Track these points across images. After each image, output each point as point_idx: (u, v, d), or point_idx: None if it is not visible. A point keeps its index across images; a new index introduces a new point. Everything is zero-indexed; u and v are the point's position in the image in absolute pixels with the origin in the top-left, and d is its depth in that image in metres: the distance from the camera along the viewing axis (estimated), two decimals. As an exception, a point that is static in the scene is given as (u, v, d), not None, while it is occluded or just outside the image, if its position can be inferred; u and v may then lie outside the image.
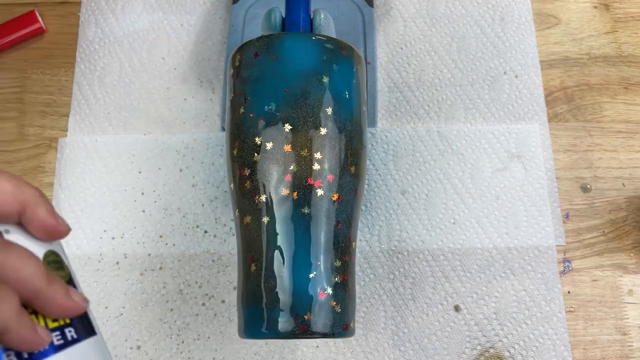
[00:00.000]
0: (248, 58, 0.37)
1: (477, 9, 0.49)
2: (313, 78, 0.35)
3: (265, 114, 0.35)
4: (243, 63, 0.37)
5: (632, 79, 0.47)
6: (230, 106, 0.37)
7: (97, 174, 0.45)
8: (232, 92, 0.37)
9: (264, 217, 0.34)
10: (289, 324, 0.33)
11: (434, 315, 0.41)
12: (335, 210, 0.35)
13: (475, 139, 0.45)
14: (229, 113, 0.37)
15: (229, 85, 0.38)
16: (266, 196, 0.34)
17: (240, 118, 0.36)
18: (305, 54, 0.36)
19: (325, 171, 0.35)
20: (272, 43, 0.36)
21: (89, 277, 0.42)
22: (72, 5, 0.50)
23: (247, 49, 0.37)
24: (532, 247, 0.42)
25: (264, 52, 0.36)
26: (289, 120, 0.35)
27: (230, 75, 0.38)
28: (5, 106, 0.47)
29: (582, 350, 0.40)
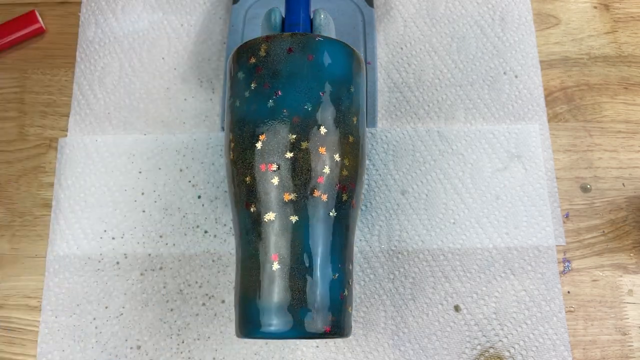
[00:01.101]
0: (280, 52, 0.36)
1: (477, 9, 0.49)
2: (344, 86, 0.37)
3: (301, 112, 0.35)
4: (273, 55, 0.36)
5: (632, 79, 0.47)
6: (247, 95, 0.36)
7: (97, 174, 0.45)
8: (254, 81, 0.36)
9: (293, 216, 0.34)
10: (315, 324, 0.33)
11: (434, 315, 0.41)
12: (352, 216, 0.37)
13: (475, 139, 0.45)
14: (243, 101, 0.36)
15: (241, 72, 0.37)
16: (297, 195, 0.34)
17: (268, 110, 0.35)
18: (339, 60, 0.37)
19: (350, 178, 0.36)
20: (308, 43, 0.36)
21: (89, 277, 0.42)
22: (72, 5, 0.50)
23: (278, 42, 0.36)
24: (532, 247, 0.42)
25: (299, 50, 0.36)
26: (324, 124, 0.35)
27: (251, 63, 0.37)
28: (5, 106, 0.47)
29: (582, 350, 0.40)
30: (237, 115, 0.36)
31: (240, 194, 0.36)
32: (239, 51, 0.37)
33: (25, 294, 0.42)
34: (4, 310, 0.42)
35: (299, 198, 0.34)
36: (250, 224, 0.35)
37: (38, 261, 0.43)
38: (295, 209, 0.34)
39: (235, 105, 0.37)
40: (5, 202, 0.45)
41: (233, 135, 0.36)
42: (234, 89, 0.37)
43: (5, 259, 0.43)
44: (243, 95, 0.36)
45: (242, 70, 0.37)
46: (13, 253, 0.43)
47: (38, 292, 0.42)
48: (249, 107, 0.36)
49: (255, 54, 0.36)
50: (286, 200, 0.34)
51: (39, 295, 0.42)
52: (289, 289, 0.33)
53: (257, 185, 0.35)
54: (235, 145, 0.36)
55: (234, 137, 0.36)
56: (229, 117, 0.37)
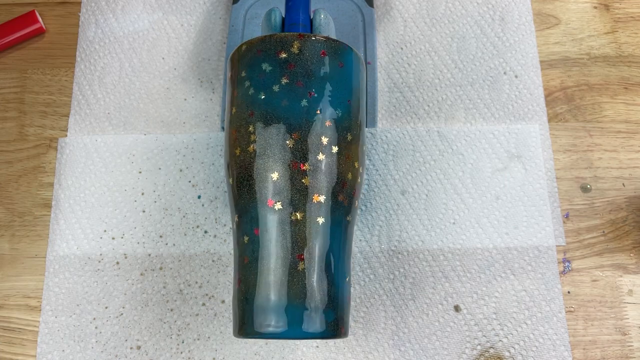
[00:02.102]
0: (314, 53, 0.36)
1: (477, 9, 0.49)
2: (362, 95, 0.38)
3: (333, 117, 0.36)
4: (307, 55, 0.36)
5: (632, 79, 0.47)
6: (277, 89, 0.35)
7: (97, 174, 0.45)
8: (286, 77, 0.36)
9: (320, 218, 0.34)
10: (334, 324, 0.33)
11: (434, 315, 0.41)
12: (355, 220, 0.38)
13: (475, 139, 0.45)
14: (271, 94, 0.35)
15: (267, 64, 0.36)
16: (325, 197, 0.35)
17: (302, 109, 0.35)
18: (359, 70, 0.38)
19: (360, 184, 0.37)
20: (339, 49, 0.37)
21: (89, 277, 0.42)
22: (72, 5, 0.50)
23: (312, 43, 0.36)
24: (532, 247, 0.42)
25: (331, 55, 0.37)
26: (350, 131, 0.36)
27: (281, 57, 0.36)
28: (5, 106, 0.47)
29: (582, 350, 0.40)
30: (262, 108, 0.35)
31: (262, 190, 0.35)
32: (265, 42, 0.36)
33: (25, 294, 0.42)
34: (4, 310, 0.42)
35: (327, 200, 0.35)
36: (273, 221, 0.34)
37: (38, 261, 0.43)
38: (322, 211, 0.35)
39: (259, 97, 0.36)
40: (5, 202, 0.45)
41: (254, 128, 0.35)
42: (256, 79, 0.36)
43: (5, 259, 0.43)
44: (271, 89, 0.35)
45: (268, 62, 0.36)
46: (13, 253, 0.43)
47: (38, 292, 0.42)
48: (279, 101, 0.35)
49: (286, 49, 0.36)
50: (315, 201, 0.34)
51: (39, 295, 0.42)
52: (316, 289, 0.34)
53: (287, 183, 0.34)
54: (259, 138, 0.35)
55: (255, 129, 0.35)
56: (246, 108, 0.36)
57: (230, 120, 0.37)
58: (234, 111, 0.37)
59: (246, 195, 0.35)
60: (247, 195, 0.35)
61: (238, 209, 0.36)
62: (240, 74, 0.37)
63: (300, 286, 0.33)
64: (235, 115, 0.36)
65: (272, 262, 0.34)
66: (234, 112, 0.37)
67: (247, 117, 0.36)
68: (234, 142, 0.36)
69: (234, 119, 0.36)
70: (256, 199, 0.35)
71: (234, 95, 0.37)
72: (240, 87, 0.37)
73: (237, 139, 0.36)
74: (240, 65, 0.37)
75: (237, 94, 0.37)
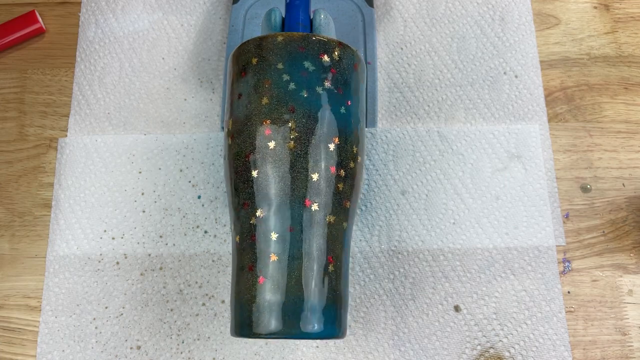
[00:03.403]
0: (350, 64, 0.37)
1: (477, 9, 0.49)
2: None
3: (359, 127, 0.37)
4: (345, 64, 0.37)
5: (632, 79, 0.47)
6: (320, 92, 0.36)
7: (97, 174, 0.45)
8: (328, 81, 0.36)
9: (345, 222, 0.36)
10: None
11: (434, 316, 0.41)
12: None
13: (475, 139, 0.45)
14: (314, 95, 0.35)
15: (309, 63, 0.36)
16: (350, 203, 0.36)
17: (341, 116, 0.36)
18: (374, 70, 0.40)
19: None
20: (363, 67, 0.39)
21: (89, 277, 0.42)
22: (72, 5, 0.50)
23: (347, 54, 0.37)
24: (532, 247, 0.42)
25: (361, 69, 0.38)
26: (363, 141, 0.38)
27: (324, 61, 0.36)
28: (5, 106, 0.47)
29: (582, 350, 0.40)
30: (305, 107, 0.35)
31: (300, 188, 0.34)
32: (307, 40, 0.36)
33: (25, 294, 0.42)
34: (4, 310, 0.42)
35: (351, 206, 0.36)
36: (308, 221, 0.34)
37: (38, 261, 0.43)
38: (348, 216, 0.36)
39: (302, 95, 0.35)
40: (5, 202, 0.45)
41: (296, 125, 0.35)
42: (298, 75, 0.35)
43: (5, 259, 0.43)
44: (314, 89, 0.35)
45: (311, 62, 0.36)
46: (13, 253, 0.43)
47: (38, 292, 0.42)
48: (321, 104, 0.35)
49: (329, 53, 0.36)
50: (344, 206, 0.36)
51: (39, 295, 0.42)
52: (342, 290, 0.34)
53: (324, 185, 0.35)
54: (300, 136, 0.35)
55: (297, 126, 0.35)
56: (285, 102, 0.35)
57: (259, 109, 0.35)
58: (265, 101, 0.35)
59: (279, 191, 0.34)
60: (280, 191, 0.34)
61: (266, 203, 0.34)
62: (275, 65, 0.36)
63: (333, 288, 0.34)
64: (268, 106, 0.35)
65: (304, 262, 0.34)
66: (265, 101, 0.35)
67: (287, 111, 0.35)
68: (266, 133, 0.35)
69: (266, 109, 0.35)
70: (293, 196, 0.34)
71: (263, 84, 0.36)
72: (277, 78, 0.36)
73: (271, 132, 0.35)
74: (276, 56, 0.36)
75: (270, 84, 0.36)
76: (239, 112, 0.36)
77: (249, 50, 0.37)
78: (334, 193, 0.35)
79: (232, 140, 0.36)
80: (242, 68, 0.37)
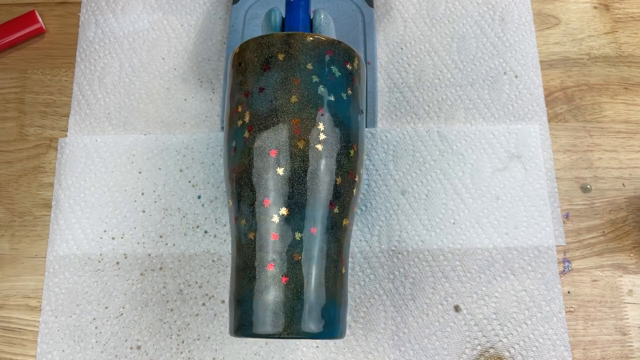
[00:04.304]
0: (364, 74, 0.39)
1: (477, 9, 0.49)
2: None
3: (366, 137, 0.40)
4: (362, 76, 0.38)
5: (632, 79, 0.47)
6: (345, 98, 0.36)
7: (97, 174, 0.45)
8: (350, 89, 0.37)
9: (354, 226, 0.38)
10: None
11: (434, 316, 0.41)
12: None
13: (475, 139, 0.45)
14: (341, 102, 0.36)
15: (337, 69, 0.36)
16: (358, 209, 0.38)
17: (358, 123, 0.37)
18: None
19: None
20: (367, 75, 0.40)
21: (89, 277, 0.42)
22: (72, 5, 0.50)
23: (363, 65, 0.39)
24: (532, 247, 0.42)
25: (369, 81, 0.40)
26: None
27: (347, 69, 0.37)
28: (5, 106, 0.47)
29: (582, 350, 0.40)
30: (332, 111, 0.35)
31: (327, 190, 0.35)
32: (335, 45, 0.36)
33: (25, 294, 0.42)
34: (4, 310, 0.42)
35: (357, 210, 0.38)
36: (330, 224, 0.35)
37: (38, 261, 0.43)
38: (355, 220, 0.37)
39: (329, 98, 0.35)
40: (5, 202, 0.45)
41: (325, 127, 0.35)
42: (326, 78, 0.36)
43: (5, 259, 0.43)
44: (340, 95, 0.36)
45: (337, 68, 0.36)
46: (13, 253, 0.43)
47: (38, 292, 0.42)
48: (346, 110, 0.36)
49: (351, 61, 0.37)
50: (353, 211, 0.37)
51: (39, 295, 0.42)
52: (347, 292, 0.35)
53: (344, 189, 0.35)
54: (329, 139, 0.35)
55: (325, 129, 0.35)
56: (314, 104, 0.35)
57: (287, 106, 0.35)
58: (294, 99, 0.35)
59: (307, 191, 0.34)
60: (308, 191, 0.34)
61: (292, 202, 0.34)
62: (304, 64, 0.36)
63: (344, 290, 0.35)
64: (298, 105, 0.35)
65: (324, 262, 0.34)
66: (294, 100, 0.35)
67: (317, 113, 0.35)
68: (295, 132, 0.35)
69: (295, 108, 0.35)
70: (318, 197, 0.34)
71: (292, 82, 0.35)
72: (306, 78, 0.36)
73: (301, 131, 0.35)
74: (305, 56, 0.36)
75: (299, 84, 0.35)
76: (260, 106, 0.35)
77: (273, 45, 0.36)
78: (349, 198, 0.36)
79: (250, 133, 0.35)
80: (264, 61, 0.36)
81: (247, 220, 0.35)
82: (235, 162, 0.36)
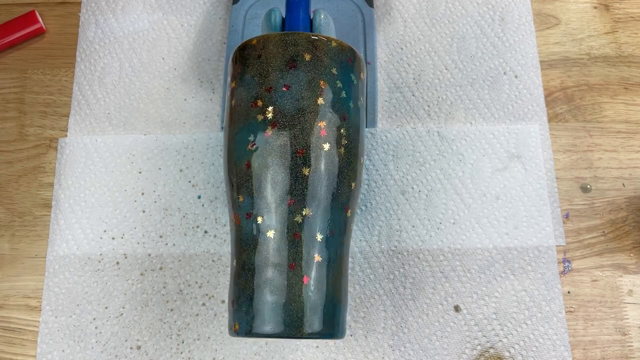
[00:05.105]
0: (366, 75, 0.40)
1: (477, 9, 0.49)
2: None
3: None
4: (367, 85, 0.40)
5: (632, 79, 0.47)
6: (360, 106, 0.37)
7: (97, 174, 0.45)
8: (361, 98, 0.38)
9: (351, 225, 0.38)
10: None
11: (434, 316, 0.41)
12: None
13: (475, 139, 0.45)
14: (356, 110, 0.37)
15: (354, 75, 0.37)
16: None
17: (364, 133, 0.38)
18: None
19: None
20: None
21: (89, 277, 0.42)
22: (72, 5, 0.50)
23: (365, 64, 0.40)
24: (532, 247, 0.42)
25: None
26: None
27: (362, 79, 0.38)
28: (5, 106, 0.47)
29: (582, 350, 0.40)
30: (352, 118, 0.36)
31: (345, 194, 0.35)
32: (355, 53, 0.37)
33: (25, 294, 0.42)
34: (4, 310, 0.42)
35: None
36: (345, 225, 0.36)
37: (38, 261, 0.43)
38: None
39: (349, 105, 0.36)
40: (5, 202, 0.45)
41: (347, 132, 0.36)
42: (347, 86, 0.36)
43: (5, 259, 0.43)
44: (356, 103, 0.37)
45: (355, 76, 0.38)
46: (13, 253, 0.43)
47: (38, 292, 0.42)
48: (359, 118, 0.37)
49: (364, 72, 0.39)
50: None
51: (39, 295, 0.42)
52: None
53: (356, 193, 0.37)
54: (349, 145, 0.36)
55: (348, 134, 0.36)
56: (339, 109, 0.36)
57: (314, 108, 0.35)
58: (320, 101, 0.35)
59: (329, 194, 0.35)
60: (330, 194, 0.35)
61: (314, 203, 0.34)
62: (330, 68, 0.36)
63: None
64: (324, 108, 0.35)
65: (336, 264, 0.35)
66: (320, 102, 0.35)
67: (341, 118, 0.36)
68: (322, 134, 0.35)
69: (321, 110, 0.35)
70: (338, 200, 0.35)
71: (318, 84, 0.35)
72: (332, 82, 0.36)
73: (326, 134, 0.35)
74: (330, 60, 0.36)
75: (326, 87, 0.35)
76: (286, 104, 0.35)
77: (299, 44, 0.36)
78: (357, 202, 0.37)
79: (273, 130, 0.34)
80: (290, 59, 0.36)
81: (266, 218, 0.34)
82: (252, 157, 0.35)
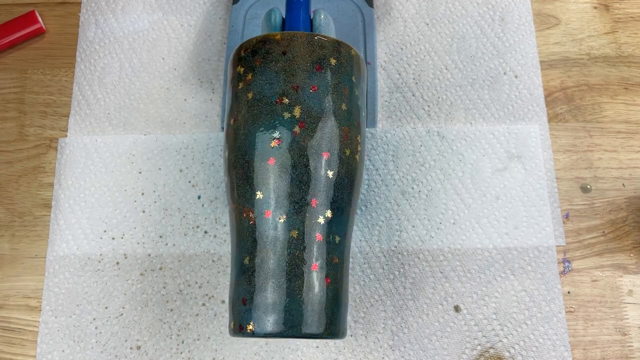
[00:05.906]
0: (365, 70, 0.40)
1: (477, 9, 0.49)
2: None
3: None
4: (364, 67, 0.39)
5: (632, 79, 0.47)
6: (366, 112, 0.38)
7: (97, 174, 0.45)
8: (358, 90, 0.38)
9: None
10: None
11: (434, 316, 0.41)
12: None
13: (475, 139, 0.45)
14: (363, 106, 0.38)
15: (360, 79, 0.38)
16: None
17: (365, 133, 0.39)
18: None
19: None
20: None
21: (89, 277, 0.42)
22: (72, 5, 0.50)
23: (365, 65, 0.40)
24: (532, 247, 0.42)
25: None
26: None
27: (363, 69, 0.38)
28: (5, 106, 0.47)
29: (582, 350, 0.40)
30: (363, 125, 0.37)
31: (358, 196, 0.37)
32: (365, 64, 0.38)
33: (25, 294, 0.42)
34: (4, 310, 0.42)
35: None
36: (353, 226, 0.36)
37: (38, 261, 0.43)
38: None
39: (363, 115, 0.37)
40: (5, 202, 0.45)
41: (360, 139, 0.37)
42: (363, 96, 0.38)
43: (5, 259, 0.43)
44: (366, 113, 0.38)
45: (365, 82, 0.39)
46: (13, 253, 0.43)
47: (38, 292, 0.42)
48: (365, 126, 0.38)
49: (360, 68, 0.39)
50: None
51: (38, 295, 0.42)
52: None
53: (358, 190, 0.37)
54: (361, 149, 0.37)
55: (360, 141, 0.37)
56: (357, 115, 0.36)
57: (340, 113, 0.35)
58: (344, 107, 0.35)
59: (347, 197, 0.35)
60: (347, 196, 0.35)
61: (335, 205, 0.34)
62: (350, 76, 0.36)
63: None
64: (346, 114, 0.36)
65: (348, 265, 0.36)
66: (344, 108, 0.35)
67: (357, 125, 0.36)
68: (344, 140, 0.35)
69: (344, 116, 0.35)
70: (354, 204, 0.36)
71: (342, 90, 0.36)
72: (352, 89, 0.36)
73: (348, 139, 0.35)
74: (351, 68, 0.37)
75: (348, 93, 0.36)
76: (314, 105, 0.34)
77: (325, 47, 0.36)
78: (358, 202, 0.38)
79: (301, 130, 0.34)
80: (317, 61, 0.36)
81: (288, 218, 0.34)
82: (277, 154, 0.34)
